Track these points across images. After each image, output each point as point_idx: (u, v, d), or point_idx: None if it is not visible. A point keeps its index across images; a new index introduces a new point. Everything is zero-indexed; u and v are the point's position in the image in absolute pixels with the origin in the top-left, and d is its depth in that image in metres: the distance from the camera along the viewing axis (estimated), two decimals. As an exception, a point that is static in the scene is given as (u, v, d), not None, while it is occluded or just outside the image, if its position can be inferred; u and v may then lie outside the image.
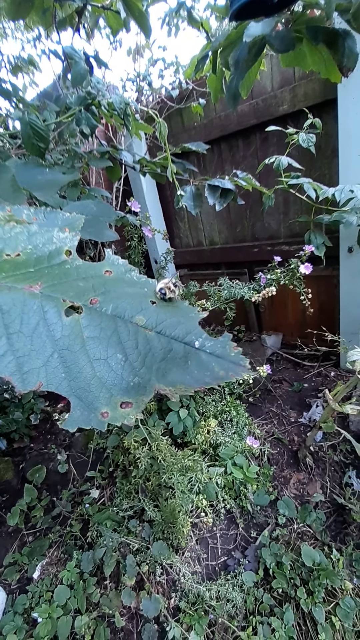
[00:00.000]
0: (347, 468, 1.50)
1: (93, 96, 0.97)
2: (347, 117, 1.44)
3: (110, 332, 0.28)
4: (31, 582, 1.43)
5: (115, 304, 0.29)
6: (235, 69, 0.86)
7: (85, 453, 1.85)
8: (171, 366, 0.27)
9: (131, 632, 1.28)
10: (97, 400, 0.26)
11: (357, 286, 1.70)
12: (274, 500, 1.47)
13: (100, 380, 0.27)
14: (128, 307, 0.29)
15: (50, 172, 0.64)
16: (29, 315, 0.27)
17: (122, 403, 0.27)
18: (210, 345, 0.28)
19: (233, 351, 0.28)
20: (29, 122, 0.93)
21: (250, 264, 2.18)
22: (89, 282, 0.30)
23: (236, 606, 1.20)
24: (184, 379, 0.27)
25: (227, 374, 0.27)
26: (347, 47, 0.74)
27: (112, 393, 0.27)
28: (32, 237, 0.31)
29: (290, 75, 1.64)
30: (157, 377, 0.27)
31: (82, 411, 0.26)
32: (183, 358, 0.28)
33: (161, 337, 0.28)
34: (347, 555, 1.25)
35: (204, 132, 1.96)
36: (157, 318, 0.29)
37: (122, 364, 0.27)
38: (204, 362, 0.28)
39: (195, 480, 1.40)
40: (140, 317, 0.29)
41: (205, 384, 0.27)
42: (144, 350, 0.28)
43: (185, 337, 0.29)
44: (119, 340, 0.28)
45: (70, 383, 0.27)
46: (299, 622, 1.16)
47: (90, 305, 0.28)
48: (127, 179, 2.24)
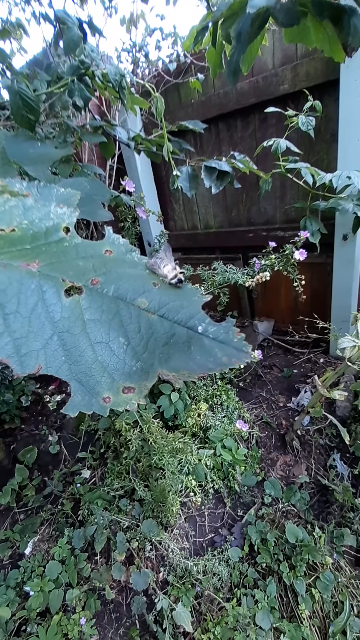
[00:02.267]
0: (332, 451, 1.55)
1: (87, 65, 0.92)
2: (348, 99, 1.41)
3: (112, 315, 0.27)
4: (23, 558, 1.46)
5: (116, 285, 0.28)
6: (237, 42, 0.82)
7: (77, 434, 1.87)
8: (174, 351, 0.27)
9: (121, 604, 1.33)
10: (99, 385, 0.26)
11: (350, 274, 1.71)
12: (260, 481, 1.51)
13: (102, 364, 0.26)
14: (130, 288, 0.28)
15: (42, 146, 0.61)
16: (26, 294, 0.26)
17: (125, 388, 0.26)
18: (214, 330, 0.28)
19: (236, 337, 0.27)
20: (19, 92, 0.88)
21: (244, 249, 2.16)
22: (88, 261, 0.29)
23: (222, 579, 1.25)
24: (187, 364, 0.26)
25: (230, 360, 0.27)
26: (353, 25, 0.71)
27: (114, 378, 0.26)
28: (27, 211, 0.29)
29: (292, 53, 1.58)
30: (160, 362, 0.26)
31: (83, 396, 0.25)
32: (186, 343, 0.27)
33: (164, 321, 0.28)
34: (329, 533, 1.31)
35: (202, 109, 1.90)
36: (159, 301, 0.28)
37: (125, 348, 0.26)
38: (207, 347, 0.27)
39: (185, 461, 1.43)
40: (142, 300, 0.28)
41: (209, 370, 0.26)
42: (146, 334, 0.27)
43: (188, 321, 0.28)
44: (121, 324, 0.27)
45: (71, 367, 0.26)
46: (281, 594, 1.22)
47: (91, 286, 0.27)
48: (121, 157, 2.16)
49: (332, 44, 0.85)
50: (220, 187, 1.21)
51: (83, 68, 0.94)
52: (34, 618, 1.26)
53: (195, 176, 1.20)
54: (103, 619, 1.31)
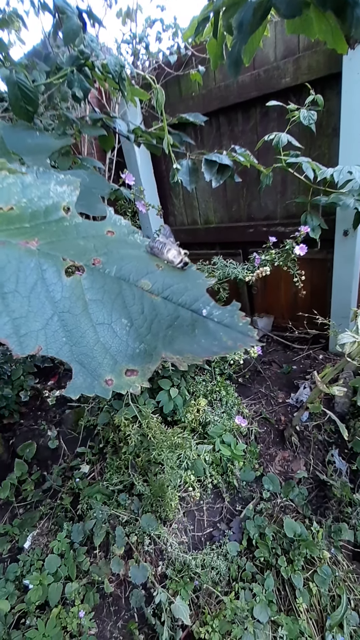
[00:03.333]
0: (331, 447, 1.56)
1: (86, 56, 0.90)
2: (351, 93, 1.39)
3: (115, 296, 0.26)
4: (22, 552, 1.47)
5: (119, 265, 0.27)
6: (238, 33, 0.81)
7: (76, 430, 1.87)
8: (178, 334, 0.26)
9: (119, 597, 1.33)
10: (101, 367, 0.25)
11: (350, 270, 1.70)
12: (259, 476, 1.52)
13: (104, 346, 0.25)
14: (133, 269, 0.27)
15: (41, 136, 0.60)
16: (25, 273, 0.25)
17: (127, 370, 0.25)
18: (218, 314, 0.27)
19: (241, 321, 0.27)
20: (17, 83, 0.86)
21: (244, 244, 2.15)
22: (90, 241, 0.28)
23: (220, 573, 1.26)
24: (191, 347, 0.26)
25: (236, 344, 0.26)
26: (356, 17, 0.69)
27: (116, 360, 0.25)
28: (26, 189, 0.28)
29: (294, 45, 1.56)
30: (164, 344, 0.26)
31: (84, 378, 0.25)
32: (190, 326, 0.26)
33: (168, 303, 0.27)
34: (326, 528, 1.31)
35: (203, 102, 1.88)
36: (163, 283, 0.28)
37: (127, 329, 0.26)
38: (212, 331, 0.26)
39: (184, 456, 1.43)
40: (145, 281, 0.27)
41: (213, 353, 0.26)
42: (150, 316, 0.26)
43: (193, 304, 0.27)
44: (124, 305, 0.26)
45: (72, 348, 0.25)
46: (279, 587, 1.23)
47: (93, 265, 0.26)
48: (120, 151, 2.14)
49: (335, 36, 0.83)
50: (220, 181, 1.20)
51: (82, 58, 0.93)
52: (33, 611, 1.26)
53: (196, 170, 1.19)
54: (102, 612, 1.32)
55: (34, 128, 0.60)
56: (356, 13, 0.70)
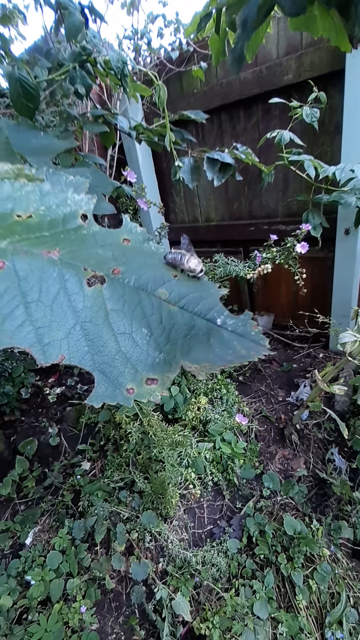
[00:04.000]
0: (330, 445, 1.56)
1: (89, 52, 0.90)
2: (354, 90, 1.39)
3: (134, 305, 0.26)
4: (24, 548, 1.48)
5: (137, 275, 0.27)
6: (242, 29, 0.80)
7: (77, 427, 1.87)
8: (194, 343, 0.27)
9: (120, 594, 1.34)
10: (122, 376, 0.26)
11: (351, 269, 1.70)
12: (259, 474, 1.52)
13: (125, 355, 0.26)
14: (150, 279, 0.28)
15: (45, 137, 0.59)
16: (48, 283, 0.25)
17: (148, 379, 0.26)
18: (232, 323, 0.28)
19: (254, 330, 0.28)
20: (19, 79, 0.86)
21: (245, 242, 2.15)
22: (108, 250, 0.28)
23: (220, 570, 1.27)
24: (207, 356, 0.26)
25: (249, 352, 0.27)
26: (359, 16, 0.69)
27: (137, 369, 0.26)
28: (44, 197, 0.29)
29: (297, 42, 1.55)
30: (182, 353, 0.26)
31: (107, 387, 0.25)
32: (205, 335, 0.27)
33: (184, 312, 0.27)
34: (326, 525, 1.32)
35: (204, 99, 1.87)
36: (179, 292, 0.28)
37: (147, 339, 0.26)
38: (226, 340, 0.27)
39: (184, 454, 1.44)
40: (162, 291, 0.27)
41: (228, 362, 0.26)
42: (168, 325, 0.27)
43: (208, 313, 0.28)
44: (144, 314, 0.26)
45: (94, 357, 0.25)
46: (279, 584, 1.23)
47: (113, 275, 0.27)
48: (121, 148, 2.13)
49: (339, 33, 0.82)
50: (222, 179, 1.19)
51: (85, 54, 0.92)
52: (35, 607, 1.27)
53: (197, 167, 1.18)
54: (103, 608, 1.33)
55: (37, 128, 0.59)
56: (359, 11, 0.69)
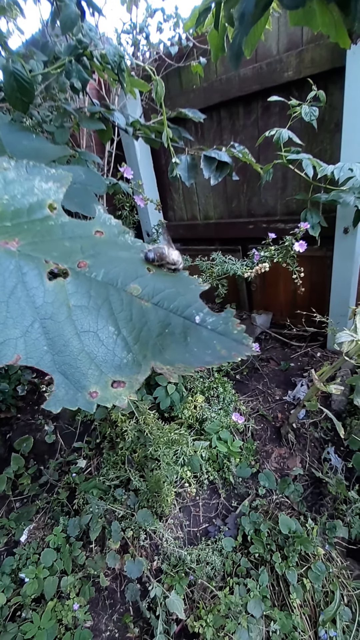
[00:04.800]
0: (327, 444, 1.56)
1: (85, 45, 0.88)
2: (354, 87, 1.37)
3: (101, 302, 0.24)
4: (18, 545, 1.48)
5: (107, 269, 0.25)
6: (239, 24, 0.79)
7: (73, 424, 1.87)
8: (169, 342, 0.25)
9: (115, 591, 1.34)
10: (85, 378, 0.23)
11: (350, 268, 1.69)
12: (255, 473, 1.52)
13: (89, 355, 0.24)
14: (122, 273, 0.26)
15: (37, 139, 0.58)
16: (4, 276, 0.23)
17: (114, 382, 0.24)
18: (212, 321, 0.26)
19: (236, 329, 0.26)
20: (13, 72, 0.84)
21: (244, 240, 2.14)
22: (76, 242, 0.26)
23: (215, 569, 1.27)
24: (183, 357, 0.24)
25: (230, 353, 0.25)
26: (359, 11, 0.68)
27: (102, 370, 0.24)
28: (8, 185, 0.27)
29: (297, 38, 1.53)
30: (154, 353, 0.24)
31: (67, 390, 0.23)
32: (182, 334, 0.25)
33: (158, 309, 0.25)
34: (321, 524, 1.32)
35: (204, 96, 1.85)
36: (154, 288, 0.26)
37: (114, 337, 0.24)
38: (205, 339, 0.25)
39: (180, 452, 1.43)
40: (135, 286, 0.26)
41: (206, 363, 0.24)
42: (139, 323, 0.25)
43: (185, 310, 0.26)
44: (111, 311, 0.24)
45: (54, 357, 0.24)
46: (273, 583, 1.24)
47: (78, 269, 0.25)
48: (120, 144, 2.11)
49: (339, 29, 0.81)
50: (219, 178, 1.18)
51: (81, 48, 0.91)
52: (28, 604, 1.27)
53: (195, 165, 1.17)
54: (97, 606, 1.33)
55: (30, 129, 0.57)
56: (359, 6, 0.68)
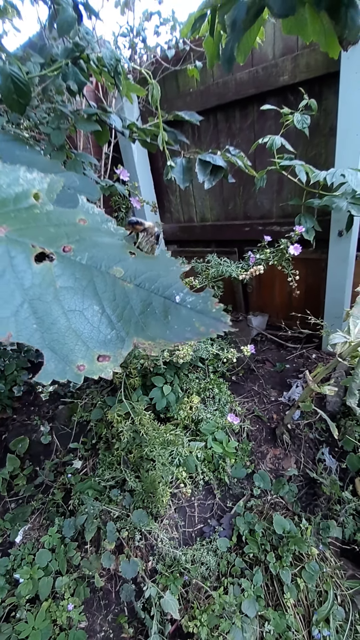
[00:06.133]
0: (321, 445, 1.57)
1: (81, 48, 0.89)
2: (348, 92, 1.39)
3: (86, 283, 0.26)
4: (13, 546, 1.47)
5: (90, 253, 0.27)
6: (231, 30, 0.80)
7: (69, 425, 1.87)
8: (150, 320, 0.27)
9: (110, 592, 1.35)
10: (73, 353, 0.25)
11: (344, 270, 1.71)
12: (250, 474, 1.53)
13: (76, 332, 0.26)
14: (105, 257, 0.27)
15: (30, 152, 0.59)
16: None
17: (100, 356, 0.26)
18: (192, 300, 0.28)
19: (214, 307, 0.28)
20: (10, 74, 0.85)
21: (240, 243, 2.15)
22: (61, 229, 0.28)
23: (210, 569, 1.28)
24: (163, 333, 0.26)
25: (208, 329, 0.27)
26: (350, 18, 0.69)
27: (88, 346, 0.26)
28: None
29: (293, 43, 1.55)
30: (136, 330, 0.26)
31: (56, 364, 0.25)
32: (163, 312, 0.27)
33: (140, 290, 0.27)
34: (315, 525, 1.33)
35: (200, 99, 1.86)
36: (136, 270, 0.28)
37: (99, 315, 0.26)
38: (185, 317, 0.27)
39: (176, 453, 1.44)
40: (118, 269, 0.27)
41: (185, 339, 0.26)
42: (122, 302, 0.27)
43: (166, 291, 0.28)
44: (95, 292, 0.26)
45: (44, 335, 0.25)
46: (267, 583, 1.24)
47: (63, 252, 0.27)
48: (117, 146, 2.13)
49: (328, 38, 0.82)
50: (213, 182, 1.19)
51: (77, 51, 0.92)
52: (23, 604, 1.27)
53: (190, 168, 1.18)
54: (92, 606, 1.33)
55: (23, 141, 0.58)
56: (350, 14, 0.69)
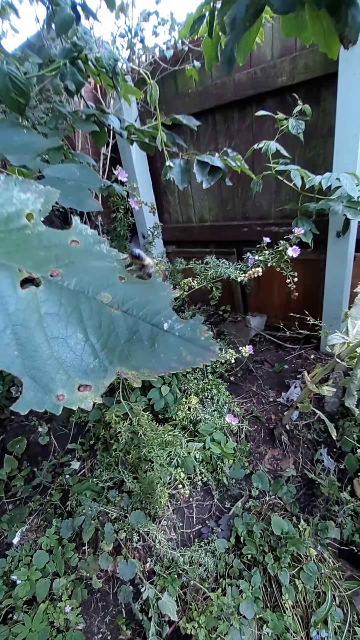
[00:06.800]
0: (319, 446, 1.57)
1: (79, 48, 0.89)
2: (346, 93, 1.39)
3: (71, 309, 0.26)
4: (11, 548, 1.47)
5: (79, 277, 0.27)
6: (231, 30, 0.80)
7: (67, 426, 1.86)
8: (136, 348, 0.26)
9: (107, 593, 1.34)
10: (53, 382, 0.25)
11: (342, 271, 1.71)
12: (248, 474, 1.53)
13: (58, 360, 0.25)
14: (93, 282, 0.27)
15: (28, 134, 0.58)
16: None
17: (81, 386, 0.25)
18: (180, 327, 0.27)
19: (203, 335, 0.27)
20: (8, 74, 0.85)
21: (239, 243, 2.15)
22: (51, 251, 0.27)
23: (208, 570, 1.27)
24: (148, 363, 0.26)
25: (195, 359, 0.26)
26: (351, 16, 0.69)
27: (69, 375, 0.25)
28: None
29: (291, 44, 1.55)
30: (120, 359, 0.26)
31: (35, 392, 0.25)
32: (149, 340, 0.26)
33: (127, 316, 0.27)
34: (313, 525, 1.33)
35: (199, 100, 1.86)
36: (124, 295, 0.27)
37: (83, 344, 0.26)
38: (172, 345, 0.26)
39: (174, 454, 1.44)
40: (106, 294, 0.27)
41: (171, 369, 0.26)
42: (107, 330, 0.26)
43: (154, 318, 0.27)
44: (81, 319, 0.26)
45: (24, 362, 0.25)
46: (265, 584, 1.24)
47: (51, 277, 0.26)
48: (115, 147, 2.12)
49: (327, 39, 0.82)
50: (211, 182, 1.19)
51: (76, 51, 0.91)
52: (20, 606, 1.26)
53: (188, 169, 1.18)
54: (90, 608, 1.32)
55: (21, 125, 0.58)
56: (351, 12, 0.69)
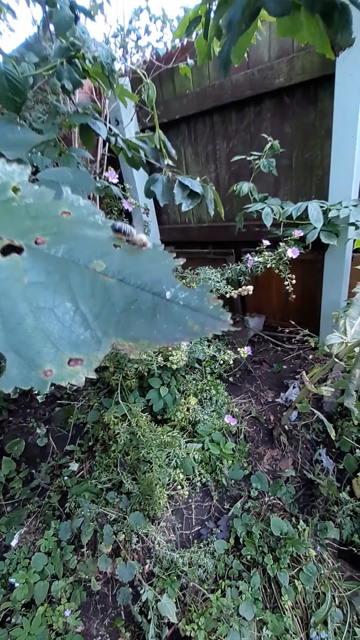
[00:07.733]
0: (318, 446, 1.57)
1: (77, 47, 0.89)
2: (344, 94, 1.40)
3: (59, 278, 0.24)
4: (9, 550, 1.46)
5: (68, 245, 0.25)
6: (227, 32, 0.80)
7: (65, 427, 1.85)
8: (134, 318, 0.24)
9: (106, 595, 1.33)
10: (40, 357, 0.23)
11: (340, 271, 1.71)
12: (247, 475, 1.53)
13: (44, 332, 0.23)
14: (85, 250, 0.25)
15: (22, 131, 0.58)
16: None
17: (71, 360, 0.23)
18: (185, 296, 0.24)
19: (212, 303, 0.24)
20: (5, 72, 0.84)
21: (237, 244, 2.15)
22: (39, 221, 0.26)
23: (207, 571, 1.27)
24: (149, 333, 0.23)
25: (203, 328, 0.23)
26: (342, 22, 0.69)
27: (58, 348, 0.23)
28: None
29: (288, 46, 1.55)
30: (116, 330, 0.23)
31: (20, 369, 0.22)
32: (150, 310, 0.24)
33: (124, 285, 0.24)
34: (313, 526, 1.33)
35: (197, 101, 1.87)
36: (120, 264, 0.25)
37: (72, 313, 0.23)
38: (176, 315, 0.24)
39: (173, 455, 1.43)
40: (99, 262, 0.25)
41: (176, 339, 0.23)
42: (100, 299, 0.24)
43: (155, 286, 0.24)
44: (70, 287, 0.24)
45: (7, 335, 0.23)
46: (265, 585, 1.24)
47: (35, 245, 0.24)
48: (113, 147, 2.12)
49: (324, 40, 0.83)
50: (190, 205, 1.18)
51: (73, 50, 0.91)
52: (19, 609, 1.26)
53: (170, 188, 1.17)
54: (88, 610, 1.31)
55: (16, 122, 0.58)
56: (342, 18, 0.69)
